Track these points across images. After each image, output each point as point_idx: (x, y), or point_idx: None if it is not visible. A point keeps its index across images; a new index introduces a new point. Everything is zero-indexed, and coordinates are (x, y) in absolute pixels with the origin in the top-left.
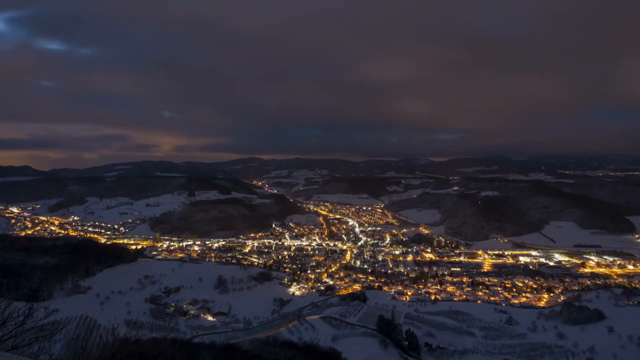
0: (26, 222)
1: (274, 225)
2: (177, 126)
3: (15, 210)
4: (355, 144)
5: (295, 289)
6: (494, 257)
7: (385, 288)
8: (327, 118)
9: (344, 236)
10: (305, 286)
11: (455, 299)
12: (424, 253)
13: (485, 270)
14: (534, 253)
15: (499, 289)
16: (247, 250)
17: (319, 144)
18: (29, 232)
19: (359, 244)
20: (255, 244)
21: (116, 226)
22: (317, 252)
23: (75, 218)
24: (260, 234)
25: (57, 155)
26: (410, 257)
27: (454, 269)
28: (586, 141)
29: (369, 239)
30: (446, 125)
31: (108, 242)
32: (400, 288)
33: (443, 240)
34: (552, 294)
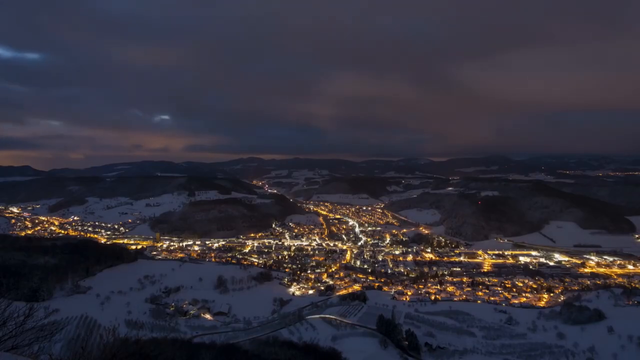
0: (26, 222)
1: (274, 225)
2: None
3: (15, 210)
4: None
5: (295, 289)
6: (494, 257)
7: (385, 288)
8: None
9: (344, 236)
10: (305, 286)
11: (455, 299)
12: (424, 253)
13: (485, 270)
14: (534, 253)
15: (499, 289)
16: (247, 250)
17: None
18: (29, 232)
19: (359, 244)
20: (255, 244)
21: (116, 226)
22: (317, 252)
23: (75, 218)
24: (260, 234)
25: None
26: (410, 257)
27: (454, 269)
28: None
29: (369, 239)
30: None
31: (108, 242)
32: (400, 288)
33: (443, 240)
34: (552, 294)
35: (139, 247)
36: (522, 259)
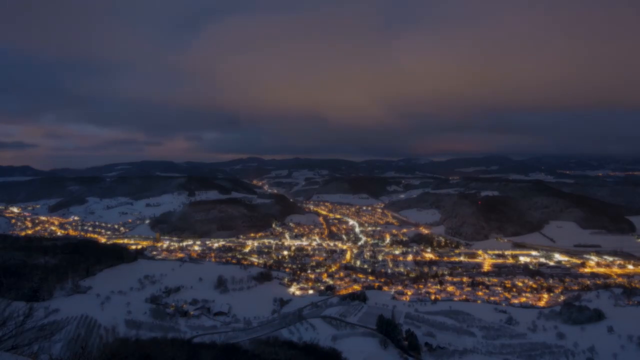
0: (26, 222)
1: (274, 225)
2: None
3: (15, 210)
4: None
5: (295, 289)
6: (494, 257)
7: (385, 288)
8: None
9: (344, 236)
10: (305, 286)
11: (455, 298)
12: (424, 253)
13: (485, 270)
14: (534, 253)
15: (499, 288)
16: (247, 250)
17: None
18: (29, 232)
19: (359, 244)
20: (255, 244)
21: (116, 226)
22: (317, 252)
23: (76, 218)
24: (260, 234)
25: None
26: (410, 257)
27: (454, 268)
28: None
29: (369, 239)
30: None
31: (108, 242)
32: (400, 288)
33: (443, 240)
34: (552, 294)
35: (139, 247)
36: (522, 259)
